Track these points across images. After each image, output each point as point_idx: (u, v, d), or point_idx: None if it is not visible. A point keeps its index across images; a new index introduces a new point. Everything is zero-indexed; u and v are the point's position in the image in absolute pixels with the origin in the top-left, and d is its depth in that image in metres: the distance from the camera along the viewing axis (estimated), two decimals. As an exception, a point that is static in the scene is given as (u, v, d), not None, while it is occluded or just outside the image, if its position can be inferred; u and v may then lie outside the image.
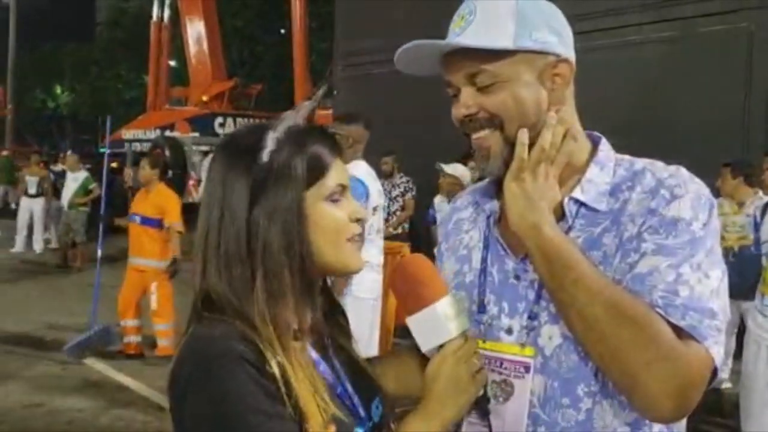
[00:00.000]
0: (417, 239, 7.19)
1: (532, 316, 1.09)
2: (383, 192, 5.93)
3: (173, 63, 22.29)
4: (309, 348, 1.04)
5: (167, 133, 18.30)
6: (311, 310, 1.01)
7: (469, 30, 1.07)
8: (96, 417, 4.58)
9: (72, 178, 10.57)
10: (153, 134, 18.83)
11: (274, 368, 0.94)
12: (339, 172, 1.05)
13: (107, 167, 7.28)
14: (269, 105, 19.68)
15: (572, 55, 1.12)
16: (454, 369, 1.03)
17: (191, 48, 18.98)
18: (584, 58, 1.20)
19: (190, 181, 16.21)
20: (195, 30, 18.77)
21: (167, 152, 16.76)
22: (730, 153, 5.44)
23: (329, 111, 11.10)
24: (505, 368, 1.09)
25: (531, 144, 1.07)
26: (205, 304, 1.00)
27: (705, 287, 0.99)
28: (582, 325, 1.00)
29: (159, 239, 5.88)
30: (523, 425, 1.07)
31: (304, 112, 1.08)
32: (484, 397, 1.08)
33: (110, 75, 32.37)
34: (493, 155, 1.10)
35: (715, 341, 0.97)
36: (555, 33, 1.09)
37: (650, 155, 1.15)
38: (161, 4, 19.78)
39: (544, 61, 1.08)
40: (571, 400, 1.05)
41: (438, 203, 6.87)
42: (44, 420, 4.49)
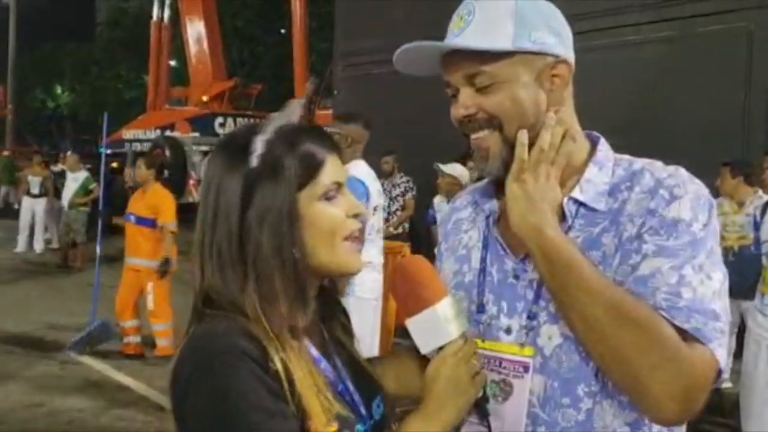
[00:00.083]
0: (417, 239, 7.19)
1: (531, 316, 1.09)
2: (383, 192, 5.94)
3: (173, 63, 22.27)
4: (309, 346, 1.04)
5: (167, 133, 18.28)
6: (304, 312, 1.00)
7: (468, 31, 1.07)
8: (96, 417, 4.58)
9: (72, 178, 10.56)
10: (153, 134, 18.81)
11: (278, 365, 0.94)
12: (334, 170, 1.04)
13: (105, 164, 7.29)
14: (269, 105, 19.64)
15: (571, 56, 1.11)
16: (454, 371, 1.03)
17: (191, 48, 18.96)
18: (583, 58, 1.20)
19: (191, 181, 16.21)
20: (195, 30, 18.75)
21: (167, 152, 16.78)
22: (730, 153, 5.44)
23: (329, 111, 11.09)
24: (504, 368, 1.09)
25: (531, 144, 1.07)
26: (206, 303, 1.00)
27: (707, 289, 0.99)
28: (584, 327, 1.00)
29: (153, 239, 5.87)
30: (522, 425, 1.07)
31: (294, 111, 1.07)
32: (483, 398, 1.08)
33: (110, 75, 32.34)
34: (492, 156, 1.10)
35: (719, 343, 0.97)
36: (554, 33, 1.09)
37: (650, 155, 1.15)
38: (161, 4, 19.76)
39: (543, 62, 1.08)
40: (572, 400, 1.05)
41: (437, 203, 6.87)
42: (44, 420, 4.49)
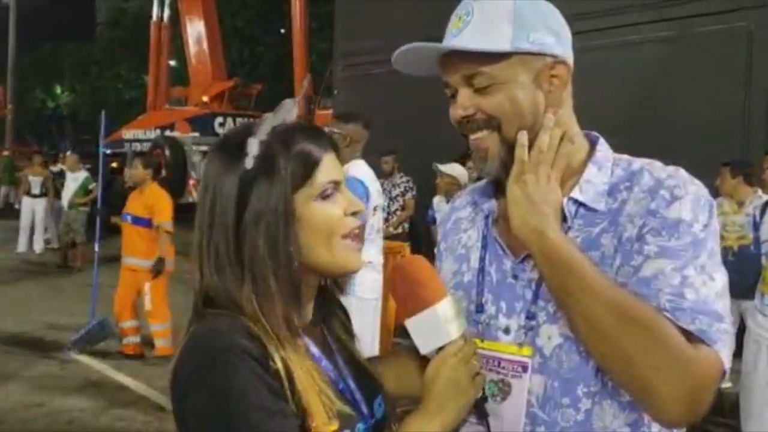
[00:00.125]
0: (417, 239, 7.19)
1: (530, 316, 1.08)
2: (383, 191, 5.94)
3: (173, 63, 22.27)
4: (310, 344, 1.04)
5: (167, 133, 18.28)
6: (299, 312, 1.00)
7: (467, 31, 1.07)
8: (96, 417, 4.58)
9: (72, 178, 10.56)
10: (153, 134, 18.81)
11: (278, 363, 0.94)
12: (331, 168, 1.04)
13: (104, 164, 7.29)
14: (269, 105, 19.53)
15: (570, 56, 1.11)
16: (454, 371, 1.03)
17: (191, 48, 18.95)
18: (583, 58, 1.20)
19: (191, 181, 16.20)
20: (195, 30, 18.75)
21: (167, 152, 16.77)
22: (730, 153, 5.44)
23: (329, 111, 11.09)
24: (503, 368, 1.09)
25: (530, 146, 1.07)
26: (206, 303, 1.01)
27: (710, 289, 0.99)
28: (586, 328, 1.00)
29: (150, 239, 5.86)
30: (521, 425, 1.07)
31: (288, 110, 1.06)
32: (483, 398, 1.07)
33: (110, 75, 32.34)
34: (491, 156, 1.10)
35: (724, 344, 0.97)
36: (553, 34, 1.09)
37: (650, 155, 1.14)
38: (161, 4, 19.76)
39: (542, 63, 1.08)
40: (571, 400, 1.05)
41: (437, 203, 6.87)
42: (44, 420, 4.49)
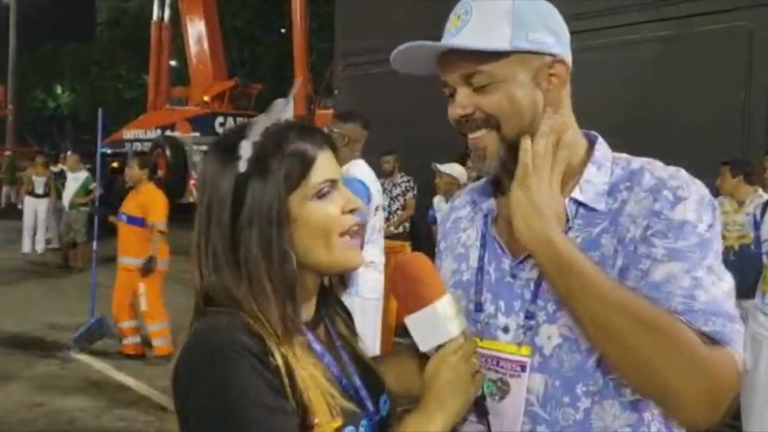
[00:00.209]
0: (418, 239, 7.19)
1: (529, 316, 1.08)
2: (384, 191, 5.94)
3: (174, 63, 22.28)
4: (313, 340, 1.04)
5: (168, 133, 18.30)
6: (295, 312, 1.00)
7: (465, 30, 1.07)
8: (97, 417, 4.59)
9: (72, 178, 10.57)
10: (154, 134, 18.83)
11: (278, 360, 0.94)
12: (326, 167, 1.04)
13: (103, 163, 7.31)
14: (269, 105, 19.59)
15: (569, 55, 1.11)
16: (454, 369, 1.02)
17: (192, 48, 18.97)
18: (582, 58, 1.20)
19: (191, 181, 16.22)
20: (195, 30, 18.76)
21: (168, 152, 16.79)
22: (730, 152, 5.43)
23: (329, 111, 11.09)
24: (502, 367, 1.09)
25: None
26: (207, 302, 1.01)
27: (719, 290, 0.99)
28: (604, 337, 0.99)
29: (144, 238, 5.84)
30: (519, 424, 1.07)
31: (281, 110, 1.06)
32: (482, 396, 1.07)
33: (110, 75, 32.36)
34: (490, 155, 1.10)
35: (739, 344, 0.98)
36: (552, 33, 1.09)
37: (649, 155, 1.14)
38: (162, 4, 19.78)
39: (540, 62, 1.08)
40: (571, 399, 1.05)
41: (437, 203, 6.87)
42: (45, 420, 4.49)
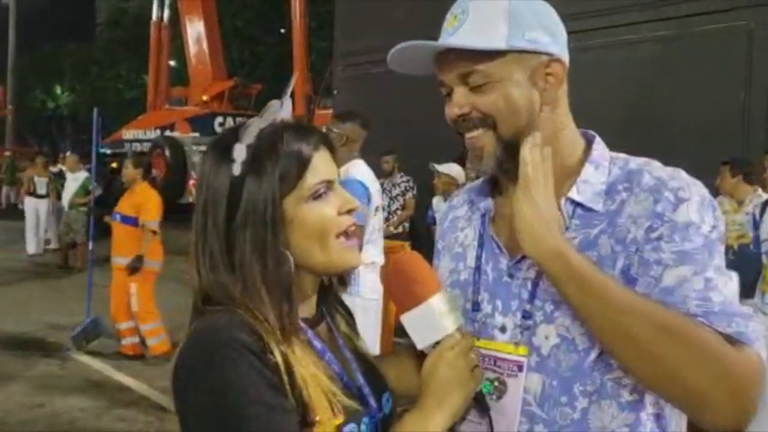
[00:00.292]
0: (417, 239, 7.19)
1: (526, 315, 1.08)
2: (383, 191, 5.94)
3: (173, 63, 22.28)
4: (313, 338, 1.04)
5: (167, 133, 18.31)
6: (290, 313, 1.00)
7: (462, 30, 1.07)
8: (97, 417, 4.59)
9: (72, 179, 10.57)
10: (153, 134, 18.84)
11: (277, 357, 0.94)
12: (322, 167, 1.03)
13: (100, 163, 7.32)
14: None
15: (566, 55, 1.11)
16: (452, 365, 1.02)
17: (191, 48, 18.98)
18: (581, 58, 1.20)
19: (191, 181, 16.22)
20: (195, 30, 18.77)
21: (167, 152, 16.80)
22: (730, 152, 5.42)
23: (329, 111, 11.10)
24: (499, 366, 1.09)
25: (521, 144, 1.07)
26: (205, 301, 1.01)
27: (730, 290, 0.99)
28: (627, 346, 0.97)
29: (137, 238, 5.81)
30: (516, 424, 1.07)
31: (276, 111, 1.05)
32: (482, 394, 1.07)
33: (110, 75, 32.37)
34: (487, 155, 1.10)
35: (760, 342, 0.97)
36: (548, 32, 1.09)
37: (649, 155, 1.14)
38: (161, 4, 19.79)
39: (537, 61, 1.08)
40: (568, 399, 1.05)
41: (436, 203, 6.88)
42: (45, 421, 4.49)
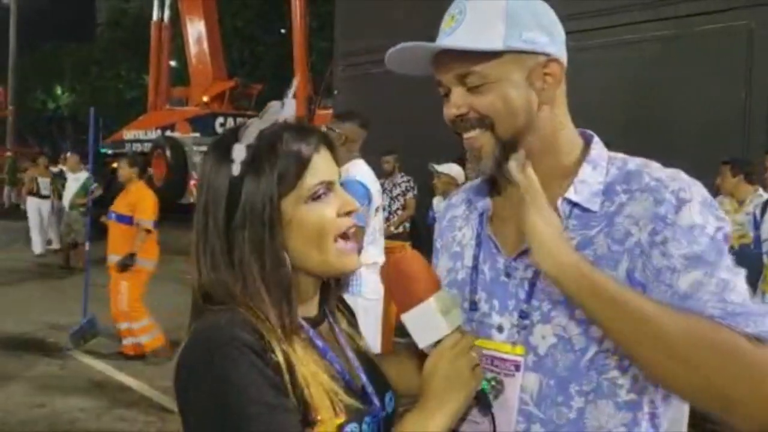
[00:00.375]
0: (418, 239, 7.19)
1: (523, 315, 1.08)
2: (384, 191, 5.94)
3: (174, 63, 22.28)
4: (315, 337, 1.04)
5: (168, 134, 18.31)
6: (290, 313, 1.00)
7: (459, 30, 1.07)
8: (98, 417, 4.59)
9: (73, 179, 10.56)
10: (154, 135, 18.83)
11: (279, 356, 0.94)
12: (322, 168, 1.03)
13: (97, 162, 7.33)
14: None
15: (563, 54, 1.11)
16: (452, 364, 1.02)
17: (191, 48, 18.97)
18: (581, 58, 1.20)
19: (191, 182, 16.22)
20: (195, 30, 18.76)
21: (168, 153, 16.80)
22: (731, 152, 5.42)
23: (329, 111, 11.10)
24: (496, 366, 1.09)
25: (519, 144, 1.08)
26: (206, 300, 1.02)
27: (743, 288, 0.99)
28: (660, 358, 0.95)
29: (131, 236, 5.80)
30: (513, 423, 1.07)
31: (276, 112, 1.05)
32: (483, 393, 1.07)
33: (110, 75, 32.36)
34: (485, 155, 1.10)
35: None
36: (546, 32, 1.08)
37: (650, 155, 1.14)
38: (161, 5, 19.78)
39: (535, 61, 1.08)
40: (565, 398, 1.05)
41: (436, 204, 6.88)
42: (46, 421, 4.50)
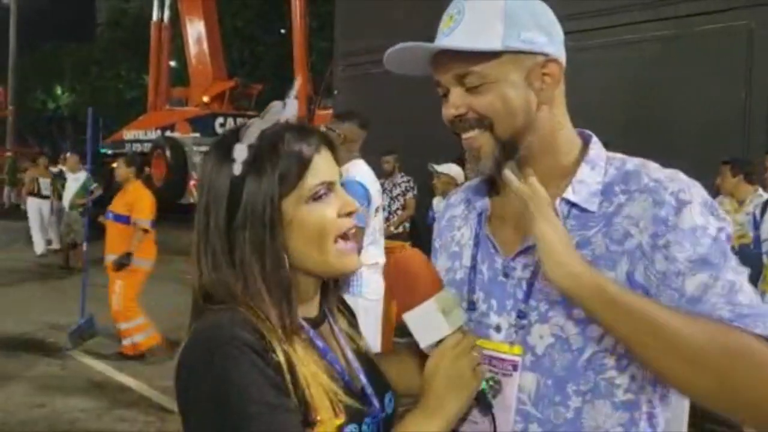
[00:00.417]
0: (418, 239, 7.19)
1: (521, 315, 1.08)
2: (384, 191, 5.94)
3: (173, 63, 22.28)
4: (315, 337, 1.04)
5: (168, 134, 18.31)
6: (291, 313, 1.00)
7: (458, 31, 1.06)
8: (98, 417, 4.59)
9: (73, 179, 10.55)
10: (153, 135, 18.83)
11: (280, 356, 0.94)
12: (323, 169, 1.03)
13: (95, 162, 7.34)
14: (269, 105, 19.59)
15: (562, 54, 1.11)
16: (454, 364, 1.02)
17: (191, 48, 18.96)
18: (581, 58, 1.20)
19: (191, 182, 16.22)
20: (195, 30, 18.76)
21: (168, 153, 16.80)
22: (731, 152, 5.42)
23: (329, 111, 11.10)
24: (494, 366, 1.09)
25: (519, 146, 1.08)
26: (206, 299, 1.02)
27: (750, 288, 0.98)
28: (681, 364, 0.94)
29: (128, 236, 5.80)
30: (511, 423, 1.07)
31: (278, 112, 1.05)
32: (483, 393, 1.06)
33: (110, 75, 32.36)
34: (484, 155, 1.09)
35: None
36: (544, 32, 1.08)
37: (650, 155, 1.14)
38: (161, 5, 19.78)
39: (533, 61, 1.07)
40: (562, 398, 1.05)
41: (436, 204, 6.88)
42: (46, 421, 4.50)
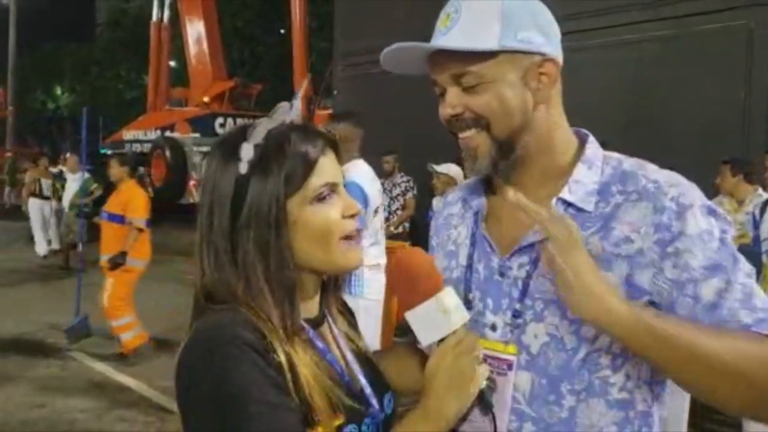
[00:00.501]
0: (418, 239, 7.19)
1: (517, 314, 1.08)
2: (384, 191, 5.94)
3: (173, 63, 22.27)
4: (315, 338, 1.04)
5: (168, 134, 18.30)
6: (292, 313, 1.00)
7: (454, 30, 1.06)
8: (98, 418, 4.59)
9: (72, 180, 10.56)
10: (153, 135, 18.83)
11: (281, 356, 0.95)
12: (327, 170, 1.03)
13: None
14: (269, 105, 19.53)
15: (559, 54, 1.11)
16: (455, 363, 1.02)
17: (191, 48, 18.96)
18: (581, 58, 1.20)
19: (191, 182, 16.23)
20: (195, 30, 18.75)
21: (168, 153, 16.80)
22: (730, 152, 5.42)
23: (329, 111, 11.10)
24: (489, 365, 1.09)
25: (518, 146, 1.08)
26: (208, 299, 1.02)
27: (759, 289, 0.99)
28: (719, 381, 0.94)
29: (123, 235, 5.79)
30: (506, 422, 1.07)
31: (284, 113, 1.06)
32: (484, 392, 1.06)
33: (110, 75, 32.35)
34: (481, 155, 1.10)
35: None
36: (541, 32, 1.08)
37: (649, 155, 1.14)
38: (161, 5, 19.78)
39: (530, 61, 1.07)
40: (556, 397, 1.05)
41: (436, 204, 6.88)
42: (46, 421, 4.50)
